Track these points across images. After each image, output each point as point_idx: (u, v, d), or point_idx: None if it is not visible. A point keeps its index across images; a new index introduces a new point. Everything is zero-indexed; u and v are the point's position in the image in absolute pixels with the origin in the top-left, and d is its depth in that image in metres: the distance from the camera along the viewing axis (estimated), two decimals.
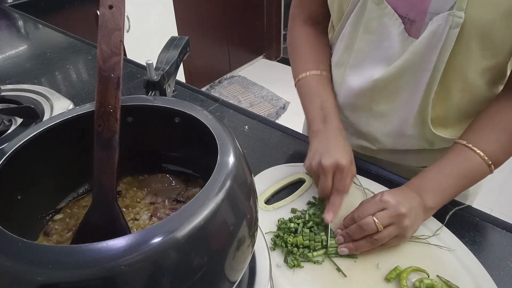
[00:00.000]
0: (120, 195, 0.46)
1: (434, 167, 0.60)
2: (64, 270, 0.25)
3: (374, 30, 0.62)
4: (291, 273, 0.54)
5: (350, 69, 0.69)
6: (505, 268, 0.55)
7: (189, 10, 2.57)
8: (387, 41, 0.61)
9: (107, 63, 0.37)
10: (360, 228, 0.54)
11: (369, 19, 0.61)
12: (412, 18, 0.58)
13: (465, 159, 0.58)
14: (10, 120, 0.79)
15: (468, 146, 0.59)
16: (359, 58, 0.66)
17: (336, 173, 0.60)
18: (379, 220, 0.53)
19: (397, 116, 0.67)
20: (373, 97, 0.68)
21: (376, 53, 0.64)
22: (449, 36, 0.54)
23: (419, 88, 0.61)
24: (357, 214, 0.56)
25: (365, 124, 0.73)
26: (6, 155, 0.35)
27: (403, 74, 0.61)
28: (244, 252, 0.33)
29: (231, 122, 0.87)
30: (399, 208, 0.54)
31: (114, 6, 0.37)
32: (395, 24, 0.59)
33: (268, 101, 2.90)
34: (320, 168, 0.60)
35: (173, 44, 0.72)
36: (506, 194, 2.00)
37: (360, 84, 0.67)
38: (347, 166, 0.60)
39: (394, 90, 0.64)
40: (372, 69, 0.65)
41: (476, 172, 0.59)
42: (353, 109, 0.73)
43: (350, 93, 0.70)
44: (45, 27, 1.39)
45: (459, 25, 0.53)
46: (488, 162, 0.58)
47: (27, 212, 0.40)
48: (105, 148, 0.36)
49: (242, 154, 0.36)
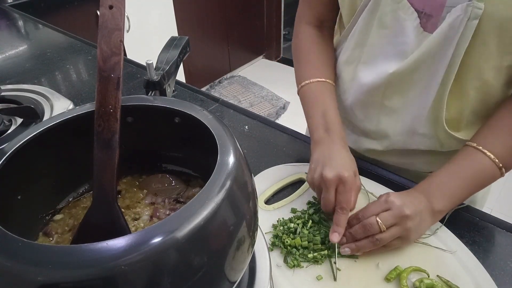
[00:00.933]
0: (120, 195, 0.46)
1: (443, 170, 0.59)
2: (64, 270, 0.25)
3: (389, 25, 0.60)
4: (291, 273, 0.54)
5: (362, 65, 0.68)
6: (505, 268, 0.55)
7: (189, 10, 2.57)
8: (402, 35, 0.60)
9: (107, 63, 0.37)
10: (363, 228, 0.54)
11: (384, 13, 0.60)
12: (429, 12, 0.56)
13: (475, 161, 0.57)
14: (10, 120, 0.79)
15: (478, 148, 0.57)
16: (372, 53, 0.65)
17: (339, 187, 0.57)
18: (382, 220, 0.53)
19: (410, 112, 0.66)
20: (385, 92, 0.66)
21: (390, 48, 0.62)
22: (467, 28, 0.53)
23: (433, 83, 0.60)
24: (361, 213, 0.56)
25: (376, 121, 0.71)
26: (6, 155, 0.35)
27: (418, 68, 0.60)
28: (244, 252, 0.33)
29: (231, 122, 0.87)
30: (403, 210, 0.53)
31: (114, 6, 0.37)
32: (411, 18, 0.58)
33: (268, 101, 2.90)
34: (322, 181, 0.58)
35: (173, 44, 0.72)
36: (506, 194, 2.00)
37: (372, 79, 0.66)
38: (350, 178, 0.57)
39: (408, 84, 0.63)
40: (386, 64, 0.63)
41: (487, 175, 0.57)
42: (364, 107, 0.72)
43: (362, 89, 0.69)
44: (45, 27, 1.39)
45: (478, 16, 0.51)
46: (499, 165, 0.56)
47: (27, 212, 0.40)
48: (105, 148, 0.36)
49: (242, 154, 0.36)
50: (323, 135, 0.64)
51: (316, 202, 0.64)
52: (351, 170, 0.58)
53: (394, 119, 0.68)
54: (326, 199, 0.58)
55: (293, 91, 0.75)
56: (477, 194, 0.74)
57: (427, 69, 0.60)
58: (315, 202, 0.64)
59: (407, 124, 0.67)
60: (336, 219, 0.56)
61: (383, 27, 0.62)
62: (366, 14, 0.63)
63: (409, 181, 0.69)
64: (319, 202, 0.64)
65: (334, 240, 0.55)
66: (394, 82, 0.64)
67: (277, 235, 0.58)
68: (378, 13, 0.61)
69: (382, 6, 0.60)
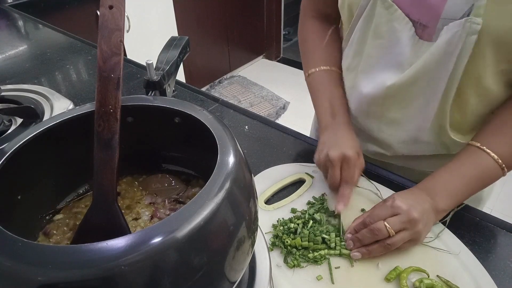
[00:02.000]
0: (120, 195, 0.45)
1: (446, 169, 0.59)
2: (64, 270, 0.25)
3: (384, 35, 0.61)
4: (291, 273, 0.54)
5: (360, 74, 0.68)
6: (505, 268, 0.55)
7: (189, 10, 2.57)
8: (398, 46, 0.60)
9: (107, 63, 0.37)
10: (371, 233, 0.54)
11: (378, 24, 0.60)
12: (425, 23, 0.57)
13: (478, 161, 0.58)
14: (10, 120, 0.79)
15: (481, 148, 0.58)
16: (369, 63, 0.66)
17: (343, 164, 0.62)
18: (390, 226, 0.53)
19: (412, 123, 0.66)
20: (385, 104, 0.67)
21: (387, 58, 0.63)
22: (466, 43, 0.53)
23: (434, 97, 0.60)
24: (368, 218, 0.56)
25: (378, 130, 0.72)
26: (6, 155, 0.35)
27: (417, 81, 0.60)
28: (244, 252, 0.33)
29: (231, 122, 0.87)
30: (411, 213, 0.53)
31: (114, 6, 0.37)
32: (405, 28, 0.58)
33: (268, 101, 2.90)
34: (328, 160, 0.62)
35: (173, 44, 0.72)
36: (506, 194, 2.00)
37: (371, 90, 0.66)
38: (354, 157, 0.61)
39: (407, 97, 0.63)
40: (383, 74, 0.64)
41: (489, 175, 0.58)
42: (365, 116, 0.72)
43: (362, 100, 0.70)
44: (45, 27, 1.39)
45: (477, 31, 0.51)
46: (502, 165, 0.57)
47: (27, 212, 0.40)
48: (105, 148, 0.36)
49: (242, 154, 0.36)
50: (330, 120, 0.69)
51: (316, 202, 0.64)
52: (354, 149, 0.62)
53: (395, 129, 0.69)
54: (332, 176, 0.63)
55: (293, 91, 0.76)
56: (483, 191, 0.74)
57: (426, 83, 0.60)
58: (315, 202, 0.64)
59: (410, 134, 0.68)
60: (341, 191, 0.62)
61: (378, 37, 0.62)
62: (362, 24, 0.63)
63: (410, 182, 0.69)
64: (319, 202, 0.64)
65: (339, 209, 0.60)
66: (393, 95, 0.64)
67: (277, 235, 0.58)
68: (373, 24, 0.61)
69: (376, 17, 0.60)
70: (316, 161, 0.67)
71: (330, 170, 0.63)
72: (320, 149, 0.65)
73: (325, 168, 0.65)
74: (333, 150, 0.62)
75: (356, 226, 0.57)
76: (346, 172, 0.62)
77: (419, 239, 0.55)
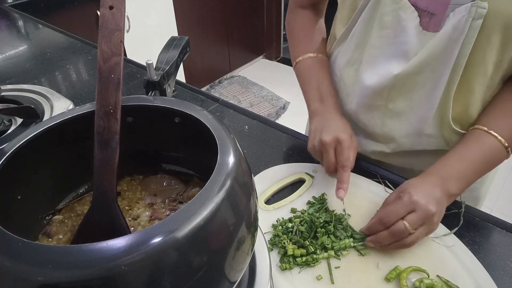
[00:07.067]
0: (120, 195, 0.46)
1: (454, 153, 0.59)
2: (64, 270, 0.25)
3: (389, 25, 0.61)
4: (291, 273, 0.54)
5: (364, 67, 0.68)
6: (505, 268, 0.55)
7: (189, 10, 2.57)
8: (403, 35, 0.60)
9: (108, 63, 0.37)
10: (392, 236, 0.53)
11: (384, 14, 0.60)
12: (432, 11, 0.56)
13: (484, 144, 0.59)
14: (10, 120, 0.79)
15: (488, 131, 0.58)
16: (373, 54, 0.65)
17: (337, 147, 0.62)
18: (410, 224, 0.53)
19: (415, 114, 0.66)
20: (390, 95, 0.66)
21: (392, 48, 0.63)
22: (471, 28, 0.53)
23: (439, 84, 0.60)
24: (385, 217, 0.55)
25: (381, 125, 0.71)
26: (6, 155, 0.35)
27: (423, 70, 0.60)
28: (244, 252, 0.33)
29: (231, 122, 0.87)
30: (429, 208, 0.53)
31: (115, 6, 0.37)
32: (411, 17, 0.58)
33: (268, 101, 2.89)
34: (321, 145, 0.62)
35: (173, 44, 0.72)
36: (506, 194, 2.00)
37: (376, 81, 0.66)
38: (346, 139, 0.61)
39: (412, 86, 0.63)
40: (388, 65, 0.64)
41: (496, 157, 0.59)
42: (368, 110, 0.72)
43: (365, 92, 0.69)
44: (45, 27, 1.39)
45: (482, 16, 0.52)
46: (506, 146, 0.58)
47: (27, 212, 0.40)
48: (105, 149, 0.36)
49: (242, 154, 0.36)
50: (318, 106, 0.70)
51: (316, 202, 0.64)
52: (346, 132, 0.63)
53: (399, 122, 0.68)
54: (327, 160, 0.63)
55: (293, 91, 0.76)
56: (481, 189, 0.75)
57: (432, 70, 0.60)
58: (315, 202, 0.64)
59: (413, 126, 0.67)
60: (339, 177, 0.61)
61: (383, 27, 0.62)
62: (366, 15, 0.63)
63: None
64: (319, 202, 0.64)
65: (340, 195, 0.59)
66: (398, 85, 0.64)
67: (277, 235, 0.58)
68: (378, 14, 0.61)
69: (381, 7, 0.60)
70: (309, 148, 0.67)
71: (325, 154, 0.63)
72: (313, 136, 0.66)
73: (319, 154, 0.65)
74: (326, 135, 0.62)
75: (372, 225, 0.56)
76: (341, 155, 0.61)
77: (434, 230, 0.55)
